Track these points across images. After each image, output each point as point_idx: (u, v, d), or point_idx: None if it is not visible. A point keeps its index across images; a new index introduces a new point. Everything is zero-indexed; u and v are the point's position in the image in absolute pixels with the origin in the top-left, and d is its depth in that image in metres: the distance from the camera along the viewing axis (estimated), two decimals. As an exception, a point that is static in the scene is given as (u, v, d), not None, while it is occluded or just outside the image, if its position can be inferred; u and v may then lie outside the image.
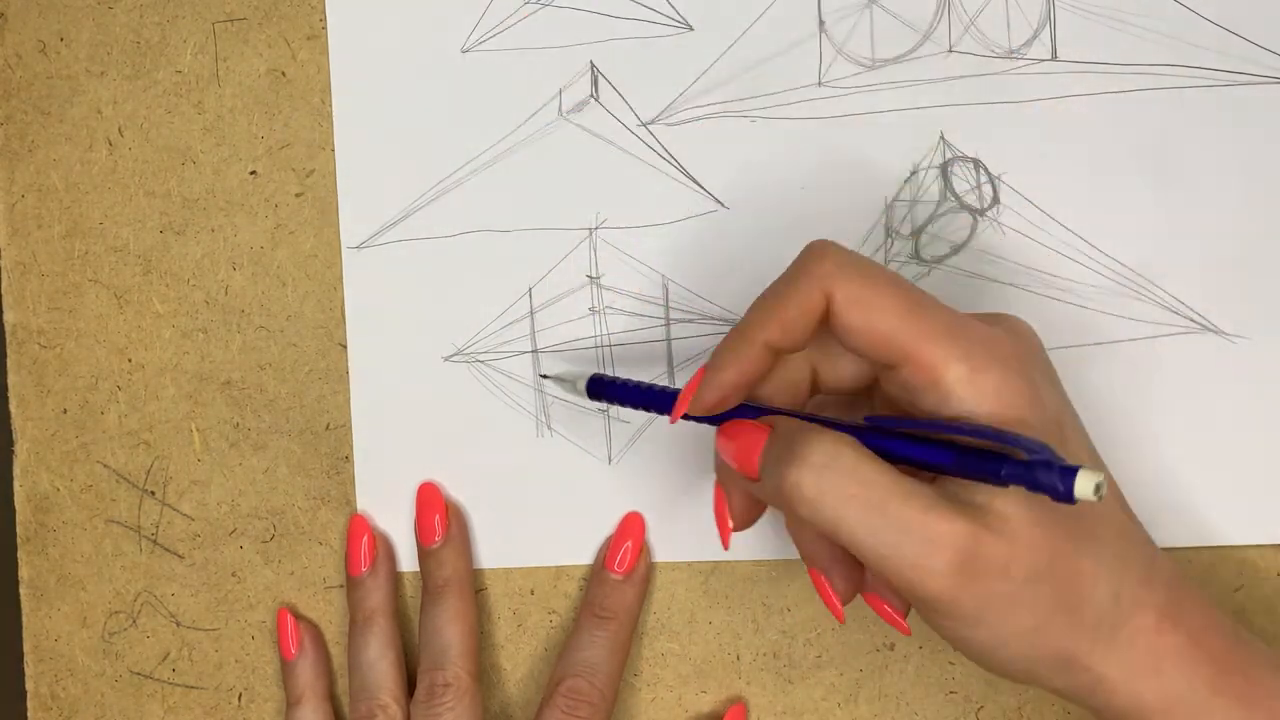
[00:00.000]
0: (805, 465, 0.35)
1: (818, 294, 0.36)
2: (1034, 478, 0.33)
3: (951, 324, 0.36)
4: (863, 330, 0.36)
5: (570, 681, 0.46)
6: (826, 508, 0.35)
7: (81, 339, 0.50)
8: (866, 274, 0.36)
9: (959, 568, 0.34)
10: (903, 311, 0.36)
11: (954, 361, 0.35)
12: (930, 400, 0.36)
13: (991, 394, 0.35)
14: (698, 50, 0.47)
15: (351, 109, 0.48)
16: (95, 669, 0.50)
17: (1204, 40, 0.45)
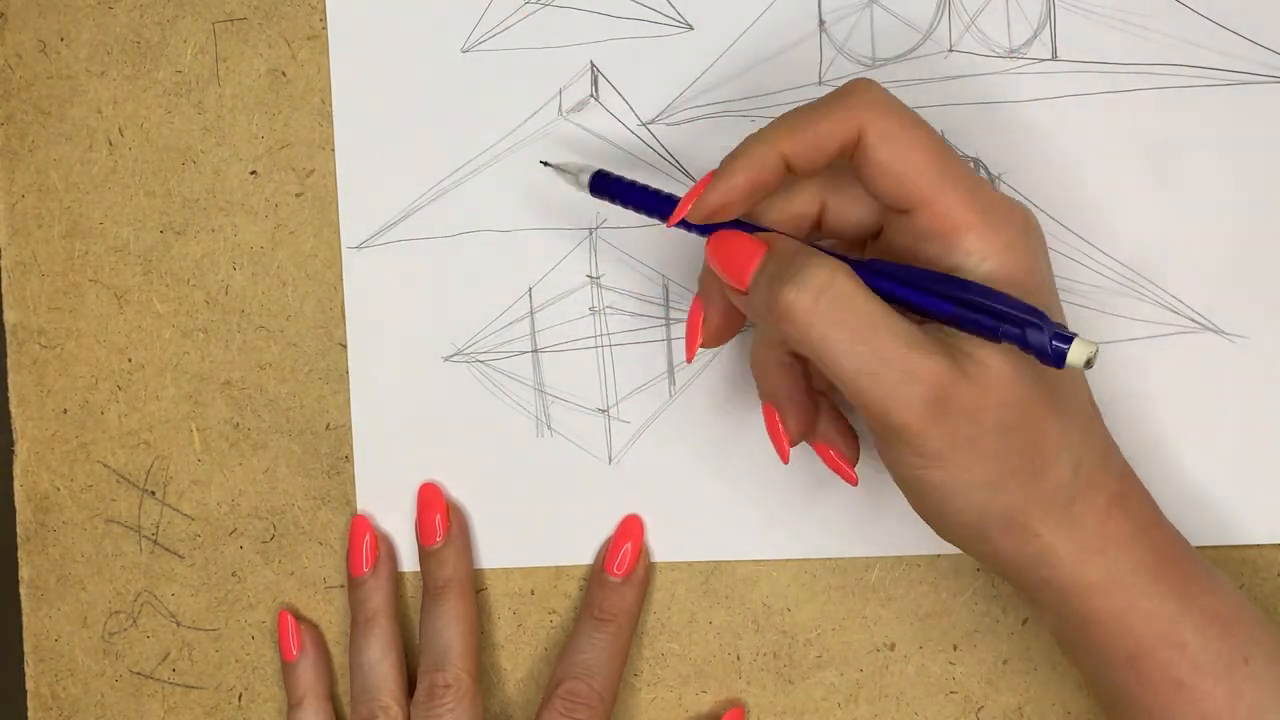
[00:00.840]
0: (802, 285, 0.36)
1: (851, 123, 0.37)
2: (1027, 337, 0.34)
3: (974, 182, 0.37)
4: (889, 167, 0.36)
5: (569, 684, 0.46)
6: (815, 328, 0.36)
7: (82, 339, 0.50)
8: (904, 116, 0.37)
9: (932, 403, 0.35)
10: (931, 157, 0.36)
11: (971, 213, 0.36)
12: (936, 248, 0.37)
13: (998, 252, 0.36)
14: (698, 50, 0.47)
15: (351, 109, 0.48)
16: (95, 669, 0.50)
17: (1204, 40, 0.45)
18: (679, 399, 0.48)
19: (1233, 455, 0.46)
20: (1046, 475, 0.37)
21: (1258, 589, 0.46)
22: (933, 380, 0.35)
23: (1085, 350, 0.33)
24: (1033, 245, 0.37)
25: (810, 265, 0.36)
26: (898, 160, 0.36)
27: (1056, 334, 0.34)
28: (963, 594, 0.47)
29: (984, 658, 0.47)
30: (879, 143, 0.36)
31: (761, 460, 0.47)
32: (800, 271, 0.36)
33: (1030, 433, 0.36)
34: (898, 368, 0.35)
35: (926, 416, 0.35)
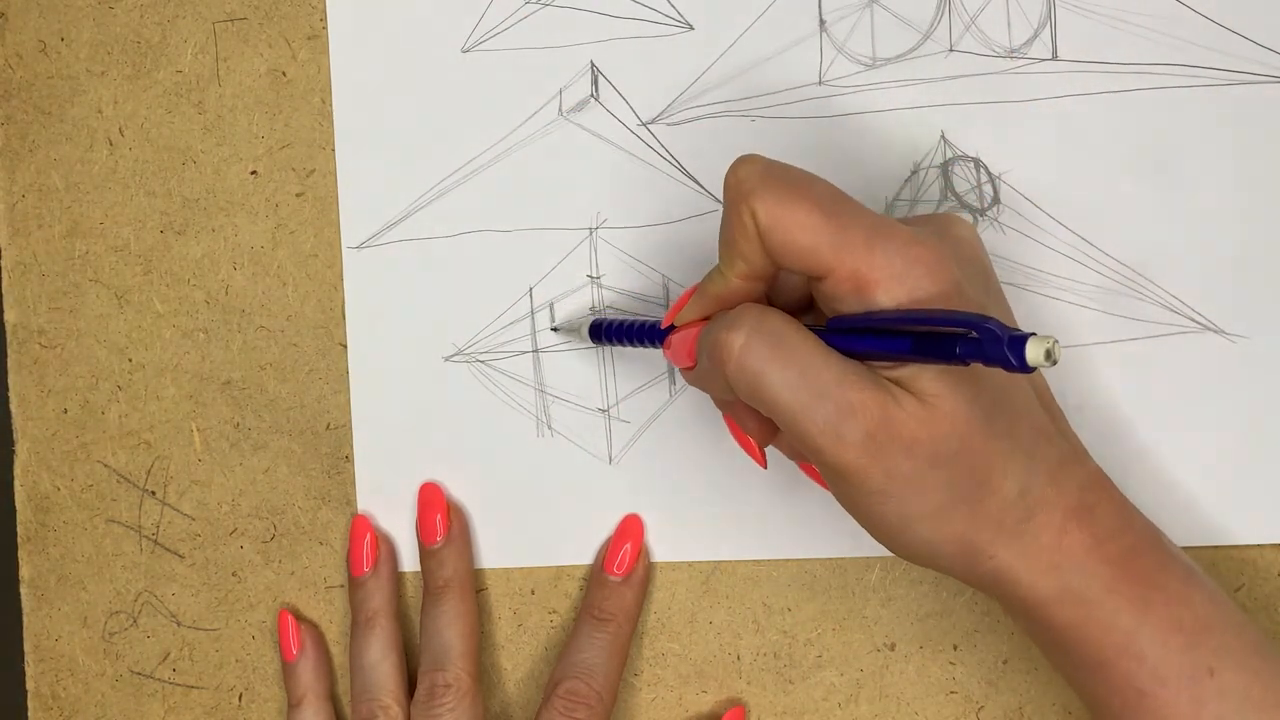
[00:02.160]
0: (735, 326, 0.36)
1: (749, 219, 0.37)
2: (986, 351, 0.33)
3: (871, 232, 0.36)
4: (785, 250, 0.36)
5: (569, 683, 0.46)
6: (750, 365, 0.36)
7: (82, 339, 0.50)
8: (784, 187, 0.36)
9: (867, 437, 0.35)
10: (820, 224, 0.36)
11: (872, 269, 0.36)
12: (853, 306, 0.36)
13: (907, 297, 0.36)
14: (698, 50, 0.47)
15: (352, 109, 0.48)
16: (96, 669, 0.50)
17: (1204, 40, 0.45)
18: (679, 399, 0.48)
19: (1232, 455, 0.46)
20: (991, 500, 0.37)
21: (1258, 589, 0.46)
22: (867, 415, 0.35)
23: (1042, 344, 0.32)
24: (948, 273, 0.36)
25: (743, 310, 0.37)
26: (789, 240, 0.36)
27: (1013, 338, 0.32)
28: (963, 594, 0.47)
29: (984, 658, 0.47)
30: (769, 230, 0.36)
31: (762, 460, 0.47)
32: (732, 315, 0.37)
33: (970, 461, 0.36)
34: (832, 402, 0.35)
35: (863, 452, 0.35)
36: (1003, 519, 0.37)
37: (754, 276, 0.38)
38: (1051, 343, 0.32)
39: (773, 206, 0.36)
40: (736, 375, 0.36)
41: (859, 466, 0.36)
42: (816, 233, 0.36)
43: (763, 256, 0.37)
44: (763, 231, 0.36)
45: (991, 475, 0.36)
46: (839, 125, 0.47)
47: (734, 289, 0.38)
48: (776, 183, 0.36)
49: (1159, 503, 0.46)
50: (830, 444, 0.35)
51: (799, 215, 0.36)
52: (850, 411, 0.35)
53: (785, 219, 0.36)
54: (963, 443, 0.36)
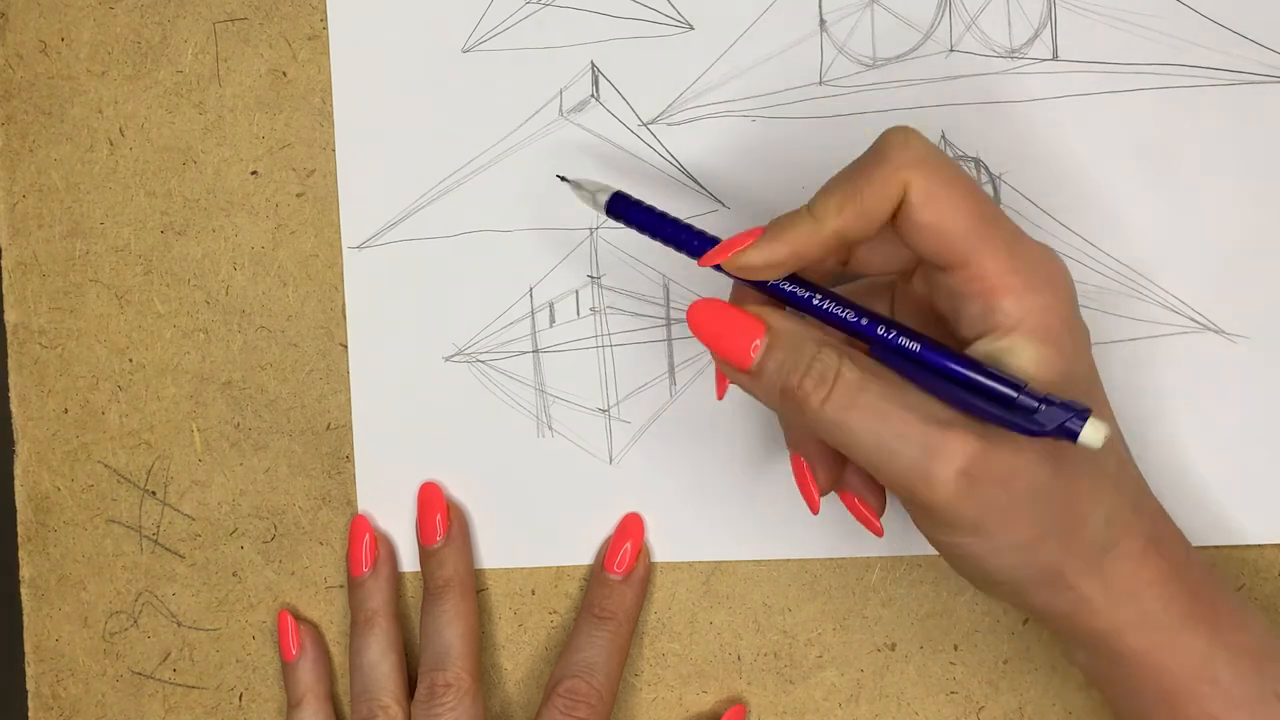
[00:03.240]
0: (811, 375, 0.36)
1: (896, 183, 0.36)
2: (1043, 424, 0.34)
3: (1014, 240, 0.36)
4: (931, 228, 0.36)
5: (569, 682, 0.46)
6: (829, 416, 0.36)
7: (82, 339, 0.50)
8: (946, 170, 0.36)
9: (960, 476, 0.35)
10: (974, 216, 0.36)
11: (1010, 275, 0.36)
12: (974, 308, 0.36)
13: (1034, 315, 0.36)
14: (698, 50, 0.47)
15: (352, 109, 0.48)
16: (96, 669, 0.50)
17: (1204, 40, 0.45)
18: (679, 399, 0.48)
19: (1233, 455, 0.46)
20: (1080, 531, 0.37)
21: (1258, 589, 0.46)
22: (958, 455, 0.35)
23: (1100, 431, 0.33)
24: (1069, 302, 0.37)
25: (819, 357, 0.36)
26: (940, 220, 0.36)
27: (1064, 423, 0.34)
28: (963, 594, 0.47)
29: (985, 658, 0.47)
30: (922, 202, 0.36)
31: (762, 460, 0.47)
32: (809, 363, 0.36)
33: (1062, 492, 0.36)
34: (918, 445, 0.35)
35: (955, 491, 0.35)
36: (1090, 548, 0.37)
37: (846, 237, 0.36)
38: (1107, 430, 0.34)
39: (933, 182, 0.36)
40: (816, 423, 0.36)
41: (949, 504, 0.35)
42: (968, 221, 0.35)
43: (877, 221, 0.36)
44: (913, 203, 0.36)
45: (1079, 505, 0.36)
46: (839, 125, 0.47)
47: (819, 241, 0.36)
48: (942, 160, 0.36)
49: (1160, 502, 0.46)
50: (921, 485, 0.35)
51: (957, 199, 0.36)
52: (939, 454, 0.35)
53: (944, 197, 0.36)
54: (1054, 474, 0.36)
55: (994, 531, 0.36)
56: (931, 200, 0.36)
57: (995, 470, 0.35)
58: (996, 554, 0.36)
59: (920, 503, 0.36)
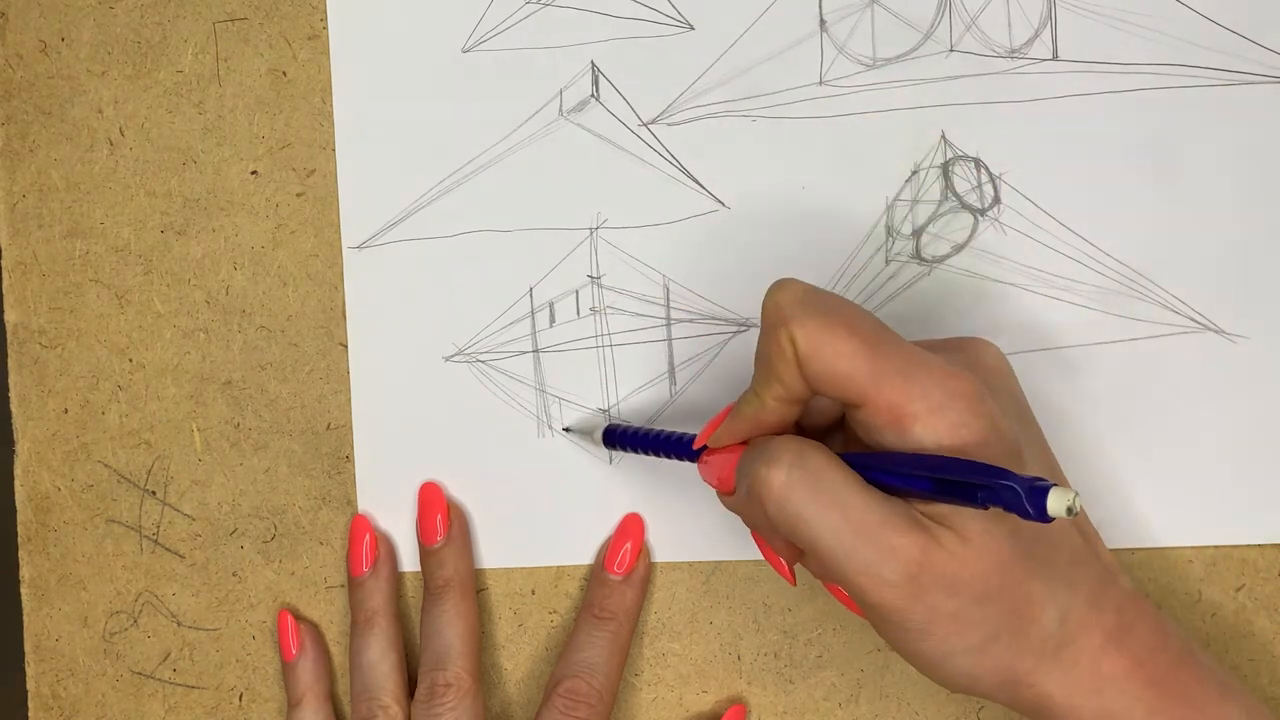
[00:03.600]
0: (773, 461, 0.36)
1: (786, 344, 0.36)
2: (1007, 501, 0.33)
3: (908, 363, 0.36)
4: (823, 376, 0.36)
5: (569, 682, 0.46)
6: (790, 503, 0.36)
7: (82, 339, 0.50)
8: (823, 314, 0.36)
9: (909, 579, 0.35)
10: (859, 353, 0.36)
11: (910, 401, 0.36)
12: (890, 437, 0.36)
13: (947, 431, 0.36)
14: (699, 50, 0.47)
15: (352, 109, 0.48)
16: (96, 669, 0.50)
17: (1205, 40, 0.45)
18: (680, 399, 0.48)
19: (1233, 455, 0.46)
20: (1031, 631, 0.37)
21: (1258, 589, 0.46)
22: (907, 558, 0.35)
23: (1064, 499, 0.33)
24: (984, 407, 0.36)
25: (782, 444, 0.37)
26: (828, 366, 0.36)
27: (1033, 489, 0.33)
28: (963, 594, 0.47)
29: (985, 657, 0.47)
30: (808, 355, 0.36)
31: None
32: (773, 450, 0.37)
33: (1011, 595, 0.36)
34: (873, 544, 0.35)
35: (904, 594, 0.35)
36: (1043, 647, 0.37)
37: (790, 400, 0.38)
38: (1072, 497, 0.32)
39: (812, 333, 0.36)
40: (777, 514, 0.36)
41: (899, 607, 0.35)
42: (854, 360, 0.36)
43: (799, 381, 0.37)
44: (801, 357, 0.36)
45: (1031, 607, 0.36)
46: (839, 125, 0.47)
47: (770, 411, 0.38)
48: (815, 309, 0.36)
49: (1160, 502, 0.46)
50: (872, 585, 0.35)
51: (837, 343, 0.36)
52: (891, 554, 0.35)
53: (824, 346, 0.36)
54: (1004, 578, 0.36)
55: (943, 636, 0.36)
56: (814, 350, 0.36)
57: (943, 575, 0.35)
58: (948, 657, 0.37)
59: (871, 603, 0.36)
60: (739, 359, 0.47)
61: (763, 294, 0.38)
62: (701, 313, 0.47)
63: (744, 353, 0.47)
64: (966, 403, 0.36)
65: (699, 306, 0.48)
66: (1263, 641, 0.46)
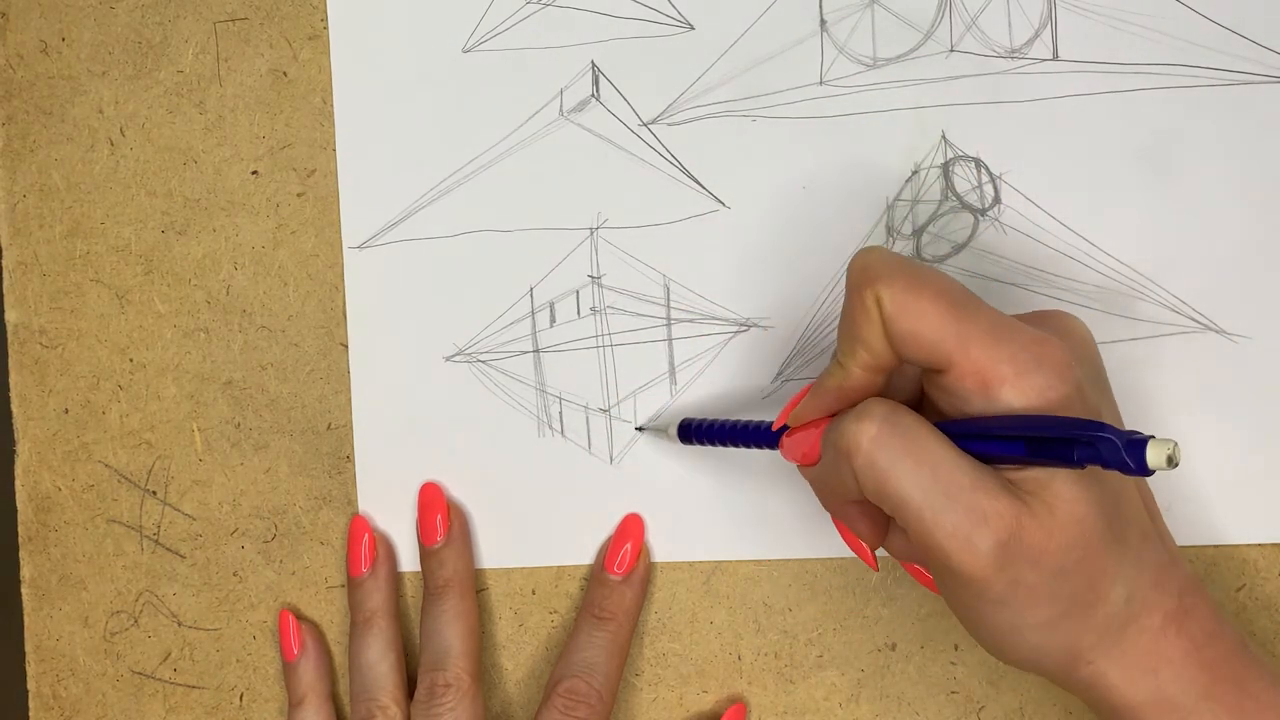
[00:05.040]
0: (866, 417, 0.36)
1: (873, 306, 0.36)
2: (1106, 455, 0.33)
3: (996, 327, 0.36)
4: (910, 336, 0.36)
5: (568, 682, 0.46)
6: (881, 459, 0.35)
7: (83, 339, 0.50)
8: (910, 278, 0.36)
9: (998, 546, 0.34)
10: (946, 315, 0.36)
11: (1000, 364, 0.35)
12: (977, 402, 0.36)
13: (1035, 394, 0.35)
14: (699, 50, 0.47)
15: (353, 109, 0.48)
16: (97, 669, 0.50)
17: (1205, 40, 0.45)
18: (680, 399, 0.48)
19: (1233, 455, 0.46)
20: (1099, 608, 0.36)
21: (1258, 589, 0.46)
22: (1000, 523, 0.34)
23: (1163, 450, 0.32)
24: (1071, 374, 0.36)
25: (873, 402, 0.36)
26: (915, 327, 0.36)
27: (1130, 442, 0.32)
28: (964, 594, 0.47)
29: (985, 658, 0.47)
30: (894, 315, 0.36)
31: (763, 460, 0.47)
32: (864, 406, 0.36)
33: (1088, 571, 0.36)
34: (964, 506, 0.35)
35: (991, 562, 0.35)
36: (1107, 625, 0.37)
37: (875, 368, 0.37)
38: (1173, 447, 0.32)
39: (899, 293, 0.36)
40: (865, 470, 0.36)
41: (983, 575, 0.35)
42: (942, 322, 0.35)
43: (885, 345, 0.36)
44: (887, 318, 0.36)
45: (1102, 583, 0.36)
46: (840, 125, 0.47)
47: (854, 381, 0.38)
48: (903, 271, 0.36)
49: (1160, 502, 0.46)
50: (959, 550, 0.35)
51: (924, 303, 0.36)
52: (983, 519, 0.34)
53: (911, 306, 0.36)
54: (1085, 552, 0.35)
55: (1019, 608, 0.36)
56: (902, 310, 0.36)
57: (1031, 545, 0.35)
58: (1019, 631, 0.36)
59: (955, 568, 0.35)
60: (739, 359, 0.47)
61: (762, 293, 0.38)
62: (701, 313, 0.47)
63: (744, 353, 0.47)
64: (1054, 367, 0.35)
65: (699, 306, 0.48)
66: (1263, 641, 0.46)
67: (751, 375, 0.47)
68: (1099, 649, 0.37)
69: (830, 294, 0.47)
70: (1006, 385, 0.35)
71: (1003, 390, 0.35)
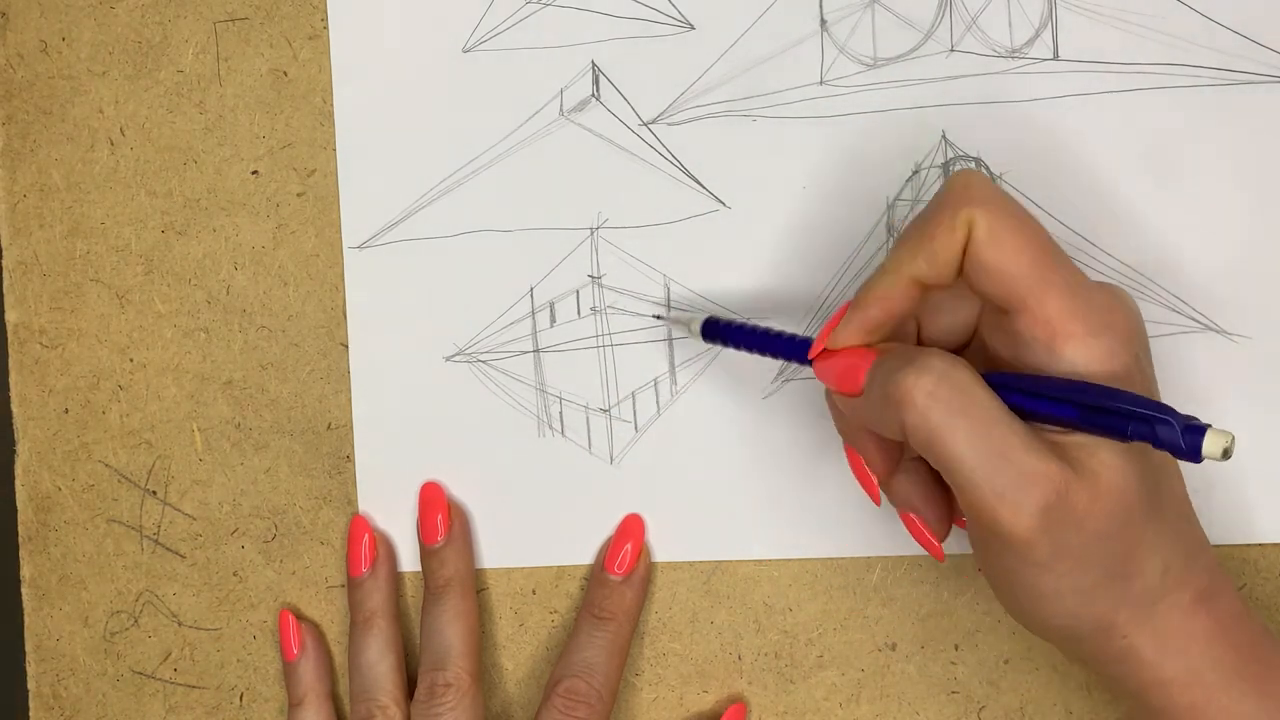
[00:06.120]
0: (923, 370, 0.35)
1: (961, 224, 0.36)
2: (1162, 436, 0.33)
3: (1074, 282, 0.36)
4: (993, 268, 0.35)
5: (568, 682, 0.46)
6: (935, 413, 0.35)
7: (83, 339, 0.50)
8: (1010, 213, 0.36)
9: (1046, 509, 0.34)
10: (1037, 257, 0.35)
11: (1073, 320, 0.35)
12: (1038, 354, 0.36)
13: (1100, 359, 0.35)
14: (699, 49, 0.47)
15: (353, 109, 0.48)
16: (97, 668, 0.50)
17: (1205, 39, 0.45)
18: (681, 399, 0.48)
19: (1234, 455, 0.46)
20: (1136, 579, 0.36)
21: (1258, 589, 0.46)
22: (1048, 486, 0.34)
23: (1220, 441, 0.32)
24: (1133, 345, 0.36)
25: (930, 354, 0.36)
26: (1003, 260, 0.35)
27: (1189, 427, 0.32)
28: (964, 594, 0.47)
29: (985, 658, 0.47)
30: (986, 241, 0.35)
31: (763, 460, 0.47)
32: (920, 359, 0.36)
33: (1128, 538, 0.36)
34: (1015, 467, 0.34)
35: (1037, 524, 0.34)
36: (1142, 598, 0.37)
37: (926, 283, 0.37)
38: (1230, 440, 0.32)
39: (997, 221, 0.35)
40: (918, 424, 0.35)
41: (1028, 538, 0.35)
42: (1029, 265, 0.35)
43: (953, 265, 0.36)
44: (976, 243, 0.35)
45: (1140, 553, 0.36)
46: (840, 125, 0.47)
47: (900, 292, 0.37)
48: (1004, 202, 0.36)
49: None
50: (1007, 510, 0.34)
51: (1018, 238, 0.35)
52: (1032, 480, 0.34)
53: (1005, 239, 0.35)
54: (1127, 519, 0.35)
55: (1061, 573, 0.35)
56: (994, 240, 0.35)
57: (1077, 509, 0.35)
58: (1058, 597, 0.36)
59: (1000, 530, 0.35)
60: (739, 359, 0.47)
61: (762, 293, 0.38)
62: (702, 312, 0.47)
63: (744, 352, 0.47)
64: (1121, 335, 0.35)
65: (699, 306, 0.48)
66: None
67: (751, 375, 0.47)
68: (1134, 622, 0.37)
69: (831, 294, 0.47)
70: (1075, 342, 0.35)
71: (1069, 346, 0.35)
